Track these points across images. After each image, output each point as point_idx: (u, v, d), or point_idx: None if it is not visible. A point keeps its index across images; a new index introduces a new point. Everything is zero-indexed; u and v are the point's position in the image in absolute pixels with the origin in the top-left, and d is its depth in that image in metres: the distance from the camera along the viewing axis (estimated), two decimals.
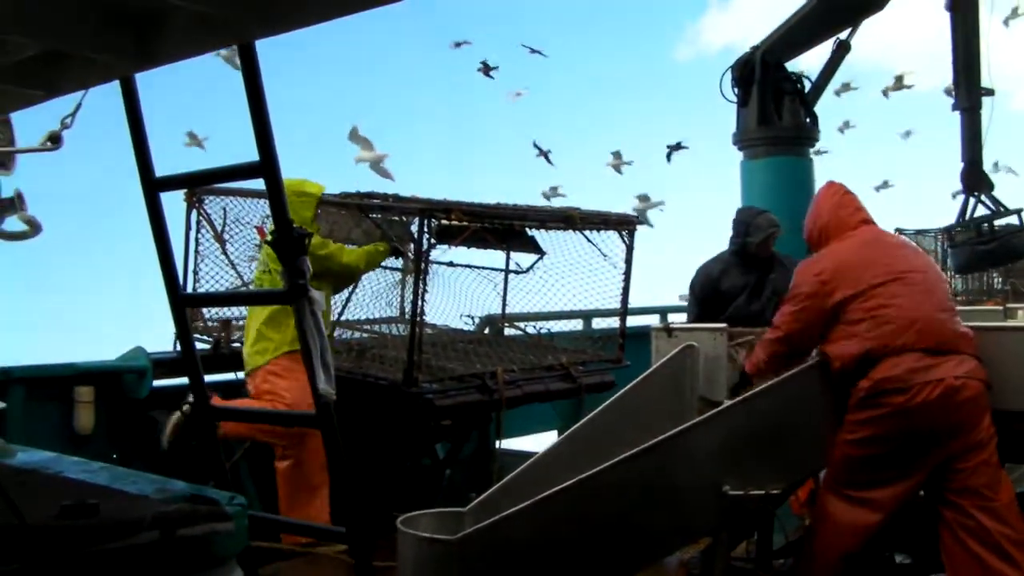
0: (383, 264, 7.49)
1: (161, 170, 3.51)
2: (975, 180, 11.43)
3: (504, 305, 8.29)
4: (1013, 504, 4.67)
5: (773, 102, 11.59)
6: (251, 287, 6.90)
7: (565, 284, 7.78)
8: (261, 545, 5.78)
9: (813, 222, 5.24)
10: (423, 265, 6.33)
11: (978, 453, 4.63)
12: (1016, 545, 4.58)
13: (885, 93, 17.29)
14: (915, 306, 4.75)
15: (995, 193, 11.34)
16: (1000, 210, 11.40)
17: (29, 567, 1.96)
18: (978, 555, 4.59)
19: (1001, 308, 7.32)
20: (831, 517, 4.77)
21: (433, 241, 6.40)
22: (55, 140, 3.87)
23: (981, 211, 11.46)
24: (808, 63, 11.69)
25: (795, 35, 11.64)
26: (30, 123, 3.79)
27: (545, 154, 16.28)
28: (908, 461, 4.62)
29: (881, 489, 4.66)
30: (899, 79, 17.15)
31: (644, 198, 14.69)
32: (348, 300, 7.81)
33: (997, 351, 4.81)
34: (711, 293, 7.37)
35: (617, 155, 15.90)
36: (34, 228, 4.14)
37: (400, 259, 7.39)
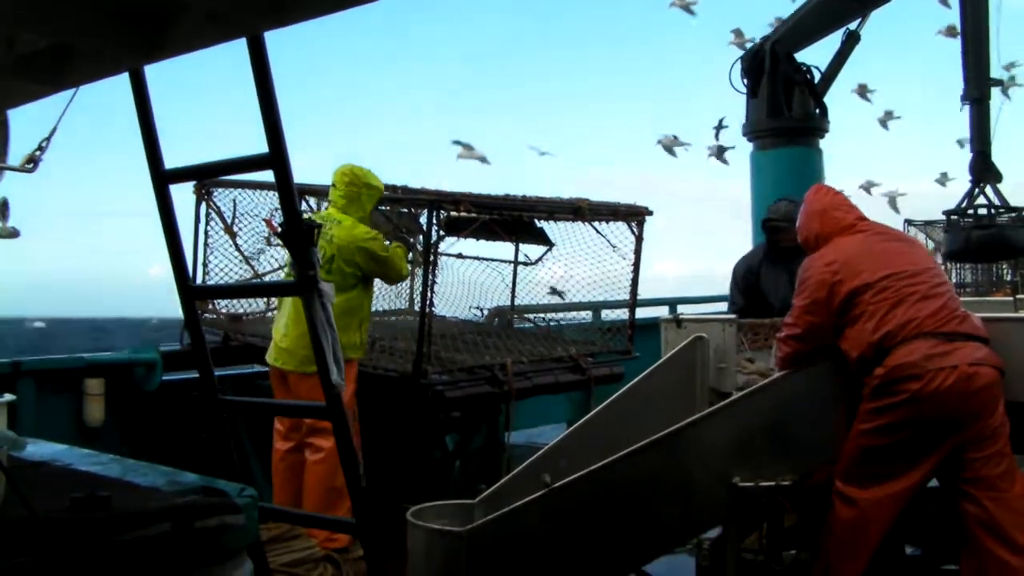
0: None
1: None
2: (983, 171, 11.43)
3: (513, 297, 8.30)
4: (1022, 498, 4.67)
5: (783, 93, 11.57)
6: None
7: (575, 275, 7.80)
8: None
9: (808, 227, 5.23)
10: (432, 257, 6.32)
11: (992, 442, 4.62)
12: (1021, 533, 4.58)
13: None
14: (926, 296, 4.75)
15: None
16: (1004, 204, 11.43)
17: (40, 560, 1.97)
18: (987, 545, 4.59)
19: (1011, 299, 7.30)
20: (845, 520, 4.74)
21: (442, 233, 6.40)
22: (32, 162, 3.91)
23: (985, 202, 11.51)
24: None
25: (805, 26, 11.62)
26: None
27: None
28: (922, 450, 4.60)
29: (895, 482, 4.64)
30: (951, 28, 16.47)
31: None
32: None
33: (1008, 342, 4.79)
34: (752, 283, 7.24)
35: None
36: (11, 237, 4.15)
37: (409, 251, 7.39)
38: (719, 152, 13.22)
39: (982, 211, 11.77)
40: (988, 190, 11.73)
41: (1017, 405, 4.73)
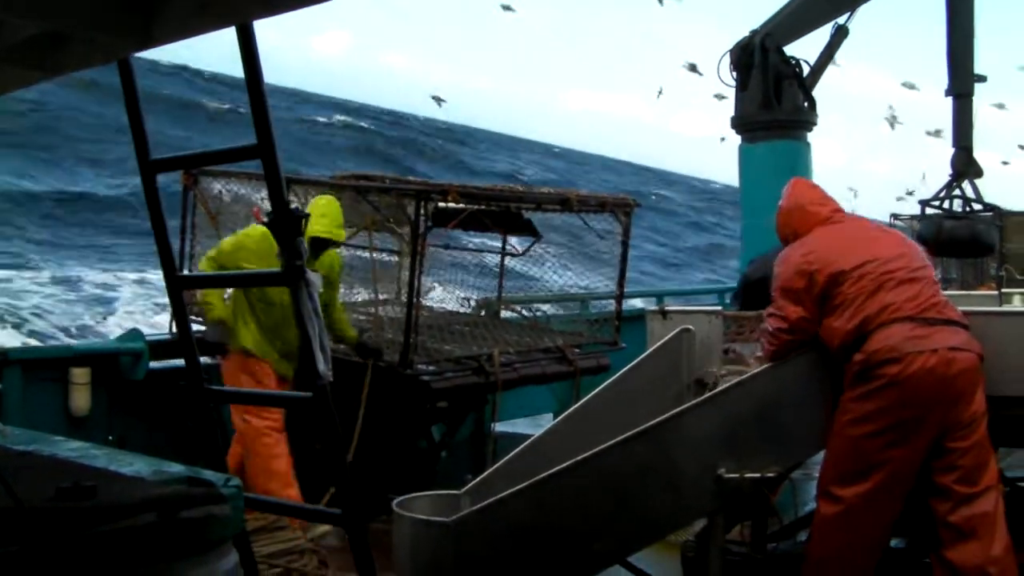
0: (380, 246, 7.51)
1: None
2: (965, 166, 11.49)
3: (500, 287, 8.31)
4: (993, 489, 4.69)
5: (773, 86, 11.60)
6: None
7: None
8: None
9: (787, 224, 5.25)
10: (419, 247, 6.32)
11: (971, 432, 4.62)
12: (986, 528, 4.60)
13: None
14: (903, 281, 4.77)
15: None
16: (979, 199, 11.49)
17: (26, 549, 1.96)
18: (957, 542, 4.62)
19: (996, 293, 7.32)
20: (833, 520, 4.73)
21: (430, 224, 6.40)
22: None
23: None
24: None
25: (795, 19, 11.64)
26: None
27: None
28: (905, 437, 4.58)
29: (880, 474, 4.62)
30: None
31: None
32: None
33: (992, 336, 4.80)
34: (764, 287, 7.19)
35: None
36: None
37: (397, 241, 7.39)
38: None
39: (958, 204, 11.83)
40: (966, 185, 11.79)
41: (1000, 399, 4.75)
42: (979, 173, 11.64)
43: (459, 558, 4.03)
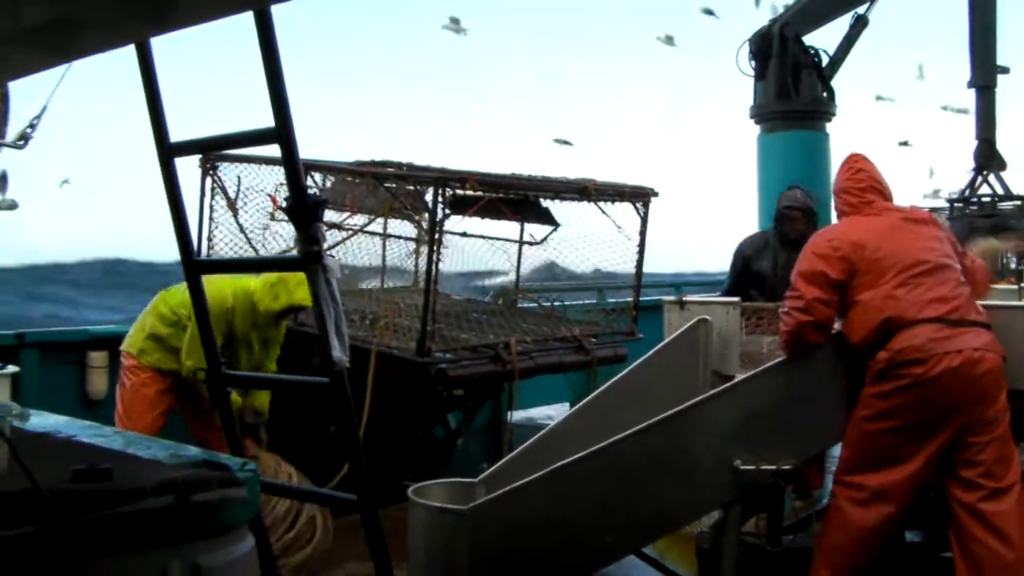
0: (397, 234, 7.51)
1: None
2: (987, 159, 11.43)
3: (518, 276, 8.29)
4: (1018, 485, 4.65)
5: (791, 76, 11.57)
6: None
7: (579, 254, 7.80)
8: None
9: (834, 195, 5.24)
10: (437, 235, 6.31)
11: (993, 428, 4.59)
12: (1013, 526, 4.57)
13: None
14: (928, 279, 4.73)
15: None
16: (1007, 193, 11.43)
17: (42, 531, 1.97)
18: (977, 535, 4.58)
19: (1015, 287, 7.28)
20: (848, 509, 4.71)
21: (447, 211, 6.38)
22: (23, 139, 3.99)
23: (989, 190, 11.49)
24: None
25: (814, 9, 11.60)
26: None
27: None
28: (926, 434, 4.56)
29: (898, 468, 4.61)
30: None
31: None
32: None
33: (1012, 330, 4.78)
34: (743, 269, 7.31)
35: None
36: (11, 209, 4.25)
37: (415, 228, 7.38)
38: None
39: (986, 199, 11.77)
40: (992, 178, 11.73)
41: (1020, 393, 4.72)
42: (1003, 165, 11.58)
43: (473, 546, 4.03)
